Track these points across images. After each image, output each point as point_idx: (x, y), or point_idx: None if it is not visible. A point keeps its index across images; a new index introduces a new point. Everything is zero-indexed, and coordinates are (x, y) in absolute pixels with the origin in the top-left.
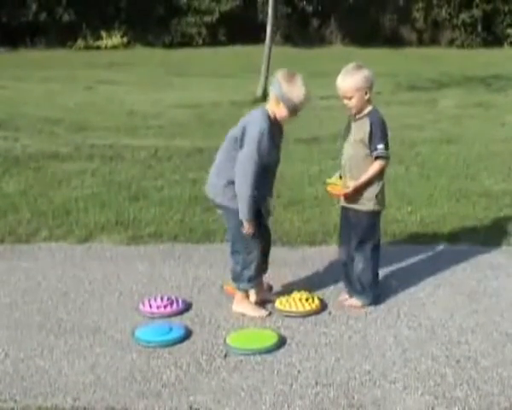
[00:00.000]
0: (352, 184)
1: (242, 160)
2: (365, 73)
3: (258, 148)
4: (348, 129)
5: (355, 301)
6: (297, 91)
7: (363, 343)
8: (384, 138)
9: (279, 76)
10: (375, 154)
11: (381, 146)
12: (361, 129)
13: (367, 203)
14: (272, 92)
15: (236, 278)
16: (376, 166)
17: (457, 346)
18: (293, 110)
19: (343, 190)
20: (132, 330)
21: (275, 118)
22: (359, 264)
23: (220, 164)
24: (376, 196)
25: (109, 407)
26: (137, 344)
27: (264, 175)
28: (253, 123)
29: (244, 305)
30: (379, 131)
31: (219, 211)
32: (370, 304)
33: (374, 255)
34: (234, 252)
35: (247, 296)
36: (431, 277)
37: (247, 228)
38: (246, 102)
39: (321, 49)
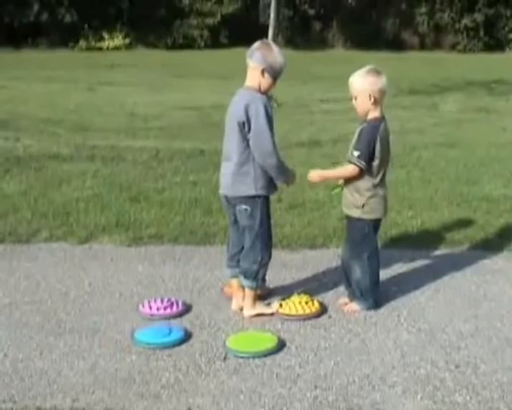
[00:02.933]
0: (315, 173)
1: (259, 134)
2: (375, 78)
3: (268, 120)
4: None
5: (354, 306)
6: (279, 59)
7: (363, 347)
8: (363, 148)
9: (260, 48)
10: (347, 157)
11: (355, 153)
12: (356, 134)
13: (355, 210)
14: (255, 65)
15: (251, 277)
16: (347, 167)
17: (457, 351)
18: (276, 78)
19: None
20: (132, 332)
21: (260, 90)
22: (357, 272)
23: (240, 157)
24: (363, 205)
25: (108, 408)
26: (137, 346)
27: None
28: (254, 100)
29: (257, 307)
30: (362, 140)
31: (241, 207)
32: (369, 309)
33: (371, 263)
34: (251, 251)
35: (256, 297)
36: (431, 281)
37: (292, 181)
38: None
39: (322, 52)
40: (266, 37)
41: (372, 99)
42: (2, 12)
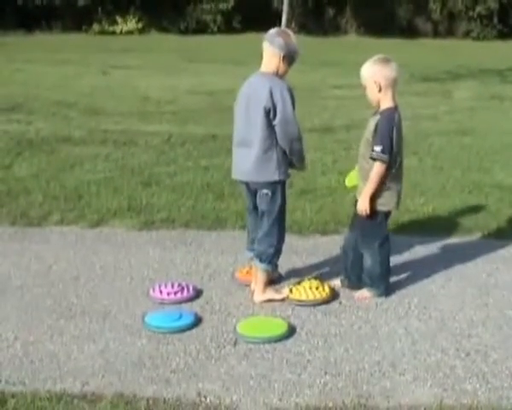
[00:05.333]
0: (362, 205)
1: (287, 122)
2: (382, 66)
3: (293, 105)
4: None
5: (365, 293)
6: (296, 47)
7: (373, 334)
8: (384, 141)
9: (281, 35)
10: (370, 155)
11: (377, 148)
12: (370, 126)
13: (370, 201)
14: (276, 51)
15: (267, 260)
16: (375, 169)
17: (467, 339)
18: (291, 65)
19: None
20: (142, 316)
21: (277, 75)
22: (368, 260)
23: (264, 144)
24: (379, 196)
25: (118, 392)
26: (147, 330)
27: None
28: (277, 86)
29: (267, 292)
30: (381, 133)
31: (262, 192)
32: (380, 296)
33: (381, 251)
34: (269, 234)
35: (268, 282)
36: (442, 269)
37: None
38: None
39: (336, 38)
40: (280, 22)
41: (378, 87)
42: None
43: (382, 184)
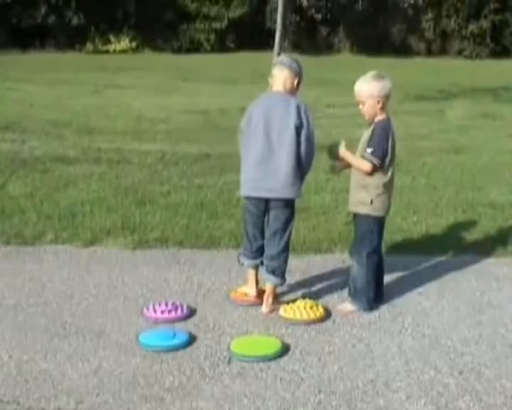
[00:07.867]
0: (342, 150)
1: (312, 138)
2: (382, 82)
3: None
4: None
5: (348, 306)
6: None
7: (367, 352)
8: (376, 145)
9: (297, 62)
10: (363, 155)
11: (369, 150)
12: (366, 136)
13: (362, 207)
14: (293, 75)
15: (280, 275)
16: (363, 162)
17: (461, 357)
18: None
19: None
20: (136, 335)
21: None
22: (354, 268)
23: (294, 160)
24: (371, 201)
25: None
26: (141, 349)
27: None
28: (302, 104)
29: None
30: (375, 138)
31: (281, 211)
32: (365, 309)
33: (369, 261)
34: (283, 251)
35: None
36: (435, 287)
37: None
38: None
39: (329, 57)
40: (273, 41)
41: (381, 104)
42: (9, 14)
43: (374, 189)
